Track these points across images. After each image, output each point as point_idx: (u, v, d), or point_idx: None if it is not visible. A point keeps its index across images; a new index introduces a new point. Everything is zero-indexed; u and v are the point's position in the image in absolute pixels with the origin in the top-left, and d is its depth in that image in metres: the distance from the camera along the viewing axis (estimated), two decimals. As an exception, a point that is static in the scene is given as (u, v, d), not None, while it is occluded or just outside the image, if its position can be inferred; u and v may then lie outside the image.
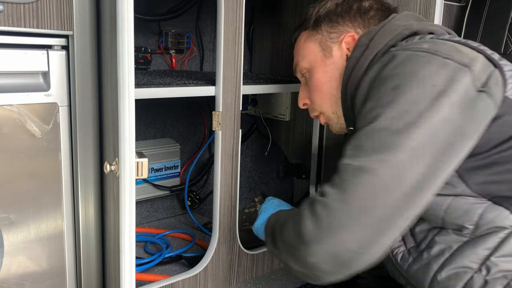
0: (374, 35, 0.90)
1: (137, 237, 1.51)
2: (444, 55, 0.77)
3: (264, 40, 1.71)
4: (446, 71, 0.75)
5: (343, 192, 0.70)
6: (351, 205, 0.69)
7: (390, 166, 0.69)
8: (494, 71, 0.77)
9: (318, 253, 0.70)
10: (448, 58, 0.76)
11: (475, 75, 0.75)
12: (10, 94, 0.85)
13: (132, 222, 0.85)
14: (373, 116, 0.75)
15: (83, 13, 0.90)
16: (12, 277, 0.91)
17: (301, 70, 1.03)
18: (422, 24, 0.91)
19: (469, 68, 0.75)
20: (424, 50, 0.79)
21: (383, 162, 0.69)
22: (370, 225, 0.68)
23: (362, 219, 0.68)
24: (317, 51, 0.99)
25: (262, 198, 1.79)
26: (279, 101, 1.64)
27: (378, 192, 0.68)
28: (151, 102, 1.38)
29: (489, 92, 0.75)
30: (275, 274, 1.35)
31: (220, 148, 1.13)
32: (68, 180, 0.95)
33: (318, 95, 1.00)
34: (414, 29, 0.89)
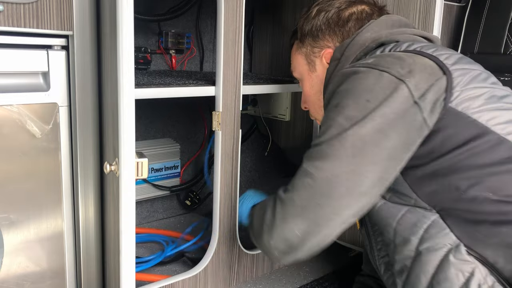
0: (345, 49, 0.93)
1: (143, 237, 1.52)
2: (382, 68, 0.80)
3: (264, 40, 1.71)
4: (381, 84, 0.78)
5: (292, 190, 0.83)
6: (296, 201, 0.82)
7: (323, 171, 0.79)
8: (439, 80, 0.78)
9: (274, 236, 0.85)
10: (385, 71, 0.79)
11: (412, 86, 0.77)
12: (10, 94, 0.85)
13: (132, 222, 0.85)
14: (321, 131, 0.84)
15: (83, 13, 0.90)
16: (12, 277, 0.91)
17: (296, 78, 1.10)
18: (391, 33, 0.92)
19: (403, 80, 0.77)
20: (366, 65, 0.82)
21: (317, 168, 0.80)
22: (310, 218, 0.80)
23: (304, 213, 0.81)
24: (303, 64, 1.04)
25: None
26: (279, 101, 1.64)
27: (314, 193, 0.79)
28: (151, 102, 1.39)
29: (422, 106, 0.76)
30: (275, 274, 1.35)
31: (220, 148, 1.13)
32: (68, 180, 0.95)
33: (309, 104, 1.09)
34: (382, 40, 0.91)
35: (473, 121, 0.77)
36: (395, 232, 0.84)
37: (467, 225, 0.76)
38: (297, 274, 1.36)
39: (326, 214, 0.79)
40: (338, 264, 1.42)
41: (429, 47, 0.86)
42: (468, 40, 1.46)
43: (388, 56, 0.83)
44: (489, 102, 0.78)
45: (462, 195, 0.76)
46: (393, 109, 0.76)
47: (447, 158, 0.77)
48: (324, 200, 0.79)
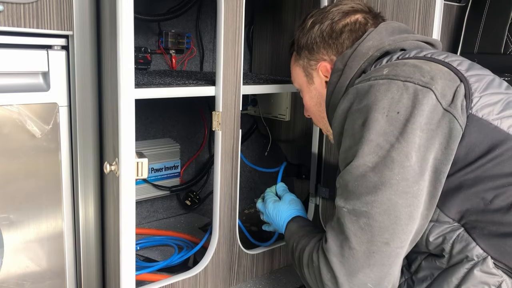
0: (347, 60, 0.91)
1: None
2: (403, 78, 0.77)
3: (264, 40, 1.71)
4: (407, 95, 0.75)
5: (347, 239, 0.76)
6: (358, 250, 0.75)
7: (380, 206, 0.73)
8: (459, 86, 0.76)
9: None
10: (408, 80, 0.76)
11: (439, 92, 0.74)
12: (10, 94, 0.85)
13: (132, 222, 0.85)
14: (352, 154, 0.77)
15: (83, 13, 0.90)
16: (12, 277, 0.91)
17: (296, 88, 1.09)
18: (394, 41, 0.90)
19: (429, 87, 0.74)
20: (383, 77, 0.79)
21: (373, 203, 0.73)
22: (379, 263, 0.74)
23: (371, 259, 0.74)
24: (302, 76, 1.03)
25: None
26: (279, 101, 1.64)
27: (377, 232, 0.73)
28: (151, 102, 1.39)
29: (455, 114, 0.74)
30: (275, 274, 1.35)
31: (220, 148, 1.13)
32: (68, 180, 0.95)
33: (311, 115, 1.08)
34: (385, 49, 0.89)
35: (495, 127, 0.75)
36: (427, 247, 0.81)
37: (494, 238, 0.74)
38: (297, 274, 1.36)
39: (394, 251, 0.74)
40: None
41: (439, 53, 0.84)
42: (468, 40, 1.45)
43: (403, 65, 0.80)
44: (507, 108, 0.77)
45: (488, 206, 0.74)
46: (427, 119, 0.73)
47: (472, 168, 0.74)
48: (390, 235, 0.73)
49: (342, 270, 0.76)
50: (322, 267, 0.79)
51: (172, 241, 1.51)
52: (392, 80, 0.77)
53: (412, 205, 0.73)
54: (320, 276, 0.80)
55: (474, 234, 0.75)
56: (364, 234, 0.74)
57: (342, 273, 0.76)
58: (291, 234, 1.00)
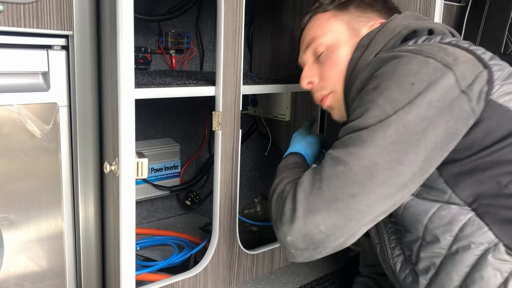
0: (374, 36, 0.90)
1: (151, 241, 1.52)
2: (426, 54, 0.77)
3: (264, 40, 1.71)
4: (426, 69, 0.74)
5: (320, 179, 0.76)
6: (325, 192, 0.75)
7: (360, 159, 0.73)
8: (482, 72, 0.76)
9: (293, 232, 0.77)
10: (430, 56, 0.76)
11: (459, 74, 0.74)
12: (10, 94, 0.85)
13: (132, 222, 0.85)
14: (356, 114, 0.78)
15: (83, 13, 0.90)
16: (12, 277, 0.91)
17: (318, 46, 0.98)
18: (421, 22, 0.91)
19: (451, 68, 0.74)
20: (407, 50, 0.79)
21: (354, 155, 0.74)
22: (340, 211, 0.74)
23: (332, 205, 0.74)
24: (343, 30, 0.97)
25: (262, 199, 1.79)
26: (279, 101, 1.64)
27: (348, 182, 0.73)
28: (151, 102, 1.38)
29: (470, 95, 0.74)
30: (275, 274, 1.35)
31: (220, 148, 1.13)
32: (68, 180, 0.95)
33: (336, 71, 0.95)
34: (413, 27, 0.89)
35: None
36: (426, 230, 0.81)
37: (507, 223, 0.74)
38: (297, 274, 1.36)
39: (358, 206, 0.73)
40: (338, 264, 1.42)
41: (463, 42, 0.84)
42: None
43: (429, 44, 0.81)
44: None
45: (503, 190, 0.74)
46: (440, 96, 0.73)
47: (489, 151, 0.74)
48: (359, 189, 0.73)
49: (303, 204, 0.76)
50: (289, 197, 0.80)
51: (172, 241, 1.51)
52: (415, 55, 0.77)
53: (393, 170, 0.73)
54: (283, 205, 0.80)
55: (487, 219, 0.75)
56: (336, 180, 0.74)
57: (302, 208, 0.76)
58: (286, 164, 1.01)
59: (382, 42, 0.89)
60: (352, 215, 0.74)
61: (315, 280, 1.33)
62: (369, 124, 0.74)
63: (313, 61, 1.01)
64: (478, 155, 0.75)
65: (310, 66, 1.01)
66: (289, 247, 0.79)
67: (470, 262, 0.76)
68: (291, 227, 0.77)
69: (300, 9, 1.56)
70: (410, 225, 0.83)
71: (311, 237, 0.76)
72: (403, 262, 0.89)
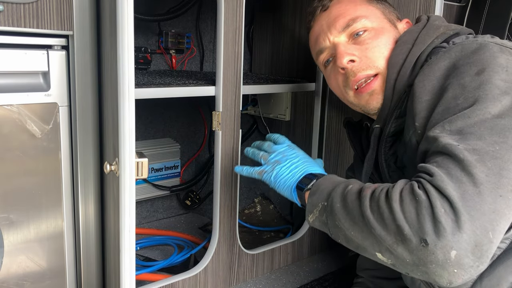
0: (419, 34, 0.90)
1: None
2: (510, 46, 0.77)
3: (264, 40, 1.71)
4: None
5: (470, 174, 0.64)
6: (485, 189, 0.63)
7: (508, 148, 0.66)
8: None
9: (461, 243, 0.62)
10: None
11: None
12: (10, 94, 0.85)
13: (132, 222, 0.85)
14: (466, 101, 0.71)
15: (83, 13, 0.90)
16: (12, 277, 0.91)
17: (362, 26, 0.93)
18: (459, 26, 0.92)
19: None
20: (491, 41, 0.78)
21: (501, 144, 0.66)
22: (503, 211, 0.63)
23: (497, 204, 0.63)
24: (382, 18, 0.96)
25: (262, 199, 1.79)
26: (279, 101, 1.64)
27: (505, 175, 0.64)
28: (151, 102, 1.38)
29: None
30: (275, 274, 1.35)
31: (220, 148, 1.13)
32: (68, 180, 0.95)
33: (383, 53, 0.91)
34: (455, 29, 0.89)
35: None
36: None
37: None
38: (297, 274, 1.36)
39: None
40: (338, 264, 1.42)
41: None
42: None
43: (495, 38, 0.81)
44: None
45: None
46: None
47: None
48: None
49: (466, 206, 0.62)
50: (436, 200, 0.63)
51: (172, 241, 1.51)
52: (501, 46, 0.76)
53: None
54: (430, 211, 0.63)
55: None
56: (492, 173, 0.64)
57: (466, 211, 0.62)
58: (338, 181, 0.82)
59: (428, 40, 0.88)
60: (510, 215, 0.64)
61: (315, 280, 1.33)
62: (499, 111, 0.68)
63: (347, 41, 0.95)
64: None
65: (347, 45, 0.94)
66: (451, 265, 0.63)
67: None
68: (458, 238, 0.61)
69: (300, 9, 1.56)
70: None
71: (480, 248, 0.62)
72: None
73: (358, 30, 0.93)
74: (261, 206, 1.77)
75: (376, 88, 0.92)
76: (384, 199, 0.69)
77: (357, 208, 0.73)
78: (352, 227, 0.74)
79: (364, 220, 0.71)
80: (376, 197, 0.71)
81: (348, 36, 0.95)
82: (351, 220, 0.74)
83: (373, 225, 0.70)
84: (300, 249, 1.43)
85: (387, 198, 0.69)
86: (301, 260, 1.44)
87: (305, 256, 1.45)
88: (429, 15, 0.96)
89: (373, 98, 0.92)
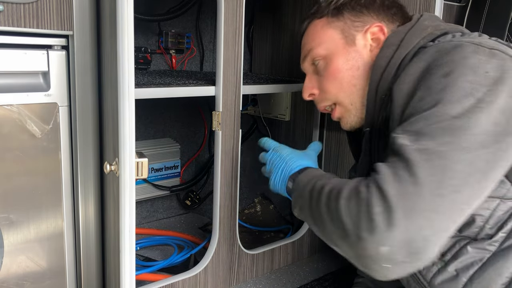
0: (405, 35, 0.89)
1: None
2: (489, 46, 0.75)
3: (264, 40, 1.71)
4: (496, 60, 0.73)
5: (413, 174, 0.66)
6: (425, 189, 0.65)
7: (458, 149, 0.66)
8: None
9: (391, 240, 0.64)
10: (494, 48, 0.75)
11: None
12: (10, 94, 0.85)
13: (132, 222, 0.85)
14: (428, 103, 0.72)
15: (83, 13, 0.90)
16: (12, 277, 0.91)
17: (315, 57, 0.98)
18: (449, 25, 0.91)
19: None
20: (468, 41, 0.77)
21: (450, 144, 0.66)
22: (443, 211, 0.65)
23: (436, 203, 0.64)
24: (337, 38, 0.96)
25: (262, 199, 1.79)
26: (279, 101, 1.64)
27: (449, 175, 0.65)
28: (151, 102, 1.38)
29: None
30: (275, 274, 1.35)
31: (220, 148, 1.13)
32: (68, 180, 0.95)
33: (334, 84, 0.95)
34: (443, 29, 0.88)
35: None
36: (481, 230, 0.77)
37: None
38: (297, 274, 1.36)
39: (461, 204, 0.65)
40: (338, 264, 1.42)
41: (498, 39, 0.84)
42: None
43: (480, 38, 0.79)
44: None
45: None
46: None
47: None
48: (461, 183, 0.65)
49: (400, 204, 0.64)
50: (373, 198, 0.67)
51: (172, 241, 1.51)
52: (479, 46, 0.75)
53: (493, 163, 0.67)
54: (367, 208, 0.67)
55: None
56: (435, 173, 0.65)
57: (400, 209, 0.64)
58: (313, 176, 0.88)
59: (414, 41, 0.88)
60: (453, 215, 0.66)
61: (315, 280, 1.33)
62: (457, 112, 0.68)
63: (312, 71, 1.01)
64: None
65: (310, 77, 1.02)
66: (383, 260, 0.66)
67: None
68: (389, 234, 0.64)
69: (300, 9, 1.56)
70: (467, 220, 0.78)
71: (413, 245, 0.64)
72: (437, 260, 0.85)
73: (314, 59, 0.99)
74: (261, 206, 1.77)
75: (340, 116, 0.99)
76: (335, 196, 0.74)
77: (317, 203, 0.79)
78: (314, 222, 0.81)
79: (321, 216, 0.77)
80: (333, 193, 0.75)
81: (312, 65, 1.01)
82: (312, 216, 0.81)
83: (325, 220, 0.75)
84: (300, 249, 1.43)
85: (338, 194, 0.74)
86: (301, 260, 1.44)
87: (305, 256, 1.46)
88: (422, 14, 0.94)
89: (343, 122, 1.00)
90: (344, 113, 0.98)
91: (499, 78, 0.70)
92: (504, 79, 0.70)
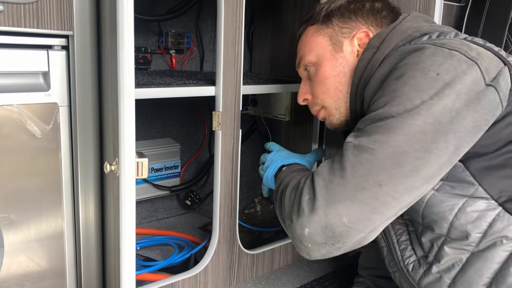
0: (385, 37, 0.90)
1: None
2: (450, 47, 0.76)
3: (264, 40, 1.71)
4: (452, 61, 0.74)
5: (342, 168, 0.74)
6: (349, 181, 0.72)
7: (388, 147, 0.71)
8: (503, 68, 0.76)
9: (312, 223, 0.74)
10: (454, 49, 0.76)
11: (483, 68, 0.74)
12: (10, 94, 0.85)
13: (132, 222, 0.85)
14: (378, 104, 0.77)
15: (83, 13, 0.90)
16: (12, 277, 0.91)
17: (306, 63, 1.02)
18: (431, 26, 0.91)
19: (475, 61, 0.74)
20: (430, 43, 0.79)
21: (381, 142, 0.72)
22: (364, 202, 0.71)
23: (357, 195, 0.71)
24: (326, 45, 0.98)
25: (262, 199, 1.79)
26: (279, 101, 1.64)
27: (374, 171, 0.71)
28: (151, 102, 1.38)
29: (497, 87, 0.74)
30: (275, 274, 1.35)
31: (220, 148, 1.13)
32: (68, 180, 0.95)
33: (322, 89, 0.99)
34: (424, 31, 0.89)
35: None
36: (451, 227, 0.79)
37: None
38: (297, 274, 1.36)
39: (384, 197, 0.71)
40: (338, 264, 1.42)
41: (478, 39, 0.84)
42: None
43: (448, 39, 0.81)
44: None
45: None
46: (467, 89, 0.72)
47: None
48: (386, 178, 0.70)
49: (324, 194, 0.73)
50: (305, 188, 0.77)
51: (172, 241, 1.51)
52: (439, 47, 0.77)
53: (422, 159, 0.71)
54: (300, 196, 0.77)
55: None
56: (361, 168, 0.72)
57: (323, 197, 0.73)
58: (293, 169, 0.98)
59: (392, 43, 0.89)
60: (377, 207, 0.71)
61: (315, 280, 1.33)
62: (396, 112, 0.73)
63: (306, 76, 1.05)
64: (505, 149, 0.75)
65: (304, 82, 1.06)
66: (306, 240, 0.75)
67: (502, 259, 0.75)
68: (310, 218, 0.74)
69: (300, 10, 1.56)
70: (432, 223, 0.81)
71: (332, 230, 0.72)
72: (415, 262, 0.88)
73: (306, 65, 1.02)
74: (261, 206, 1.76)
75: (323, 117, 1.04)
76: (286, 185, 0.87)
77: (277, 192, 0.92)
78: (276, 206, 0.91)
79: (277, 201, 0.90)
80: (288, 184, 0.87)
81: (305, 71, 1.04)
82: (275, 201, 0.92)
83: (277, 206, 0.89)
84: (300, 249, 1.43)
85: (287, 184, 0.87)
86: (301, 260, 1.44)
87: (305, 256, 1.46)
88: (409, 14, 0.95)
89: (327, 123, 1.05)
90: (328, 116, 1.02)
91: (450, 81, 0.72)
92: (454, 81, 0.72)
